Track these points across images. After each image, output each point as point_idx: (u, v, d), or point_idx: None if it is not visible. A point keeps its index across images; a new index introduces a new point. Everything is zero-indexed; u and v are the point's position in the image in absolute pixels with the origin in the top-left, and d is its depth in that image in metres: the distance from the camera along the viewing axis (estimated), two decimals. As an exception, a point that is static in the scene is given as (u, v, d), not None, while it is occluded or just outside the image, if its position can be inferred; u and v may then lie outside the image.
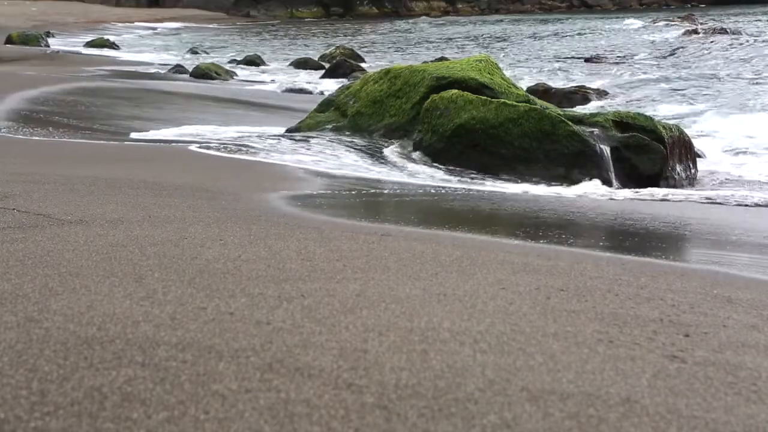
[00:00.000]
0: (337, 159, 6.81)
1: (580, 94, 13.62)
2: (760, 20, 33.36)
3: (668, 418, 1.77)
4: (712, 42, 22.35)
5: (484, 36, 33.22)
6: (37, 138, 6.88)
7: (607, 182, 6.27)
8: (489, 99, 6.78)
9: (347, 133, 7.71)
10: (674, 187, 6.53)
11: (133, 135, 7.80)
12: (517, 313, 2.42)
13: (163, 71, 16.79)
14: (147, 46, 29.03)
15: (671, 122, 7.49)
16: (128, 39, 33.29)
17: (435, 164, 6.72)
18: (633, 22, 34.13)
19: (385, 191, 5.42)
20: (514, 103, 6.72)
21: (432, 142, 6.77)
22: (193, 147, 6.64)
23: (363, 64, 19.52)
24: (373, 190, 5.31)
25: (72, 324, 2.10)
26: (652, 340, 2.26)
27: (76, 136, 7.22)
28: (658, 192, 6.09)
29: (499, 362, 2.01)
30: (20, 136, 6.87)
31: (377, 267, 2.89)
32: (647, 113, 7.85)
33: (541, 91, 13.45)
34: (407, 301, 2.48)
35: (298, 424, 1.64)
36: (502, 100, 6.82)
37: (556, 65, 19.71)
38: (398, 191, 5.48)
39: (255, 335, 2.09)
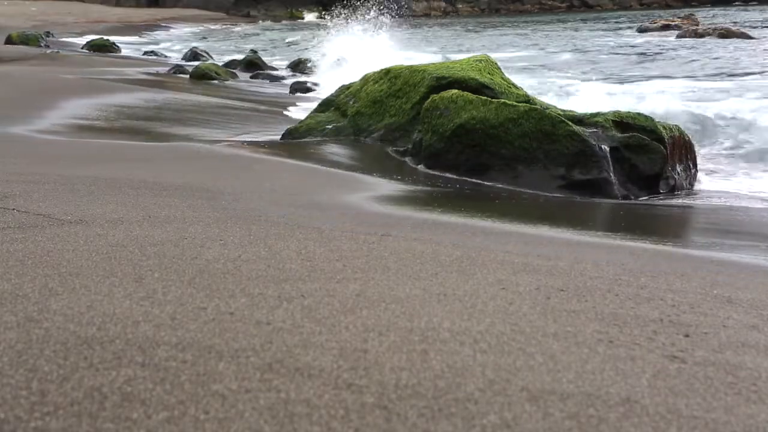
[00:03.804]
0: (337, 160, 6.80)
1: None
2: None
3: (668, 418, 1.77)
4: (716, 44, 22.24)
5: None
6: (37, 137, 6.87)
7: (607, 183, 6.27)
8: (489, 99, 6.78)
9: (347, 133, 7.72)
10: (675, 188, 6.54)
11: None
12: (517, 313, 2.42)
13: (163, 71, 16.77)
14: (146, 47, 29.02)
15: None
16: (128, 39, 33.26)
17: (433, 163, 6.72)
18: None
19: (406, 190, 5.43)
20: (514, 103, 6.71)
21: (432, 142, 6.76)
22: (193, 146, 6.64)
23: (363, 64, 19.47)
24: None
25: (72, 324, 2.10)
26: (652, 340, 2.26)
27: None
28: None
29: (499, 362, 2.01)
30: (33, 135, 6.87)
31: (377, 267, 2.89)
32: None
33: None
34: (407, 301, 2.48)
35: (298, 424, 1.64)
36: (503, 100, 6.82)
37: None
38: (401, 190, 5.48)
39: (255, 335, 2.09)
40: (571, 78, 15.38)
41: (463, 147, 6.61)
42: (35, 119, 8.04)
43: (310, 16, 59.16)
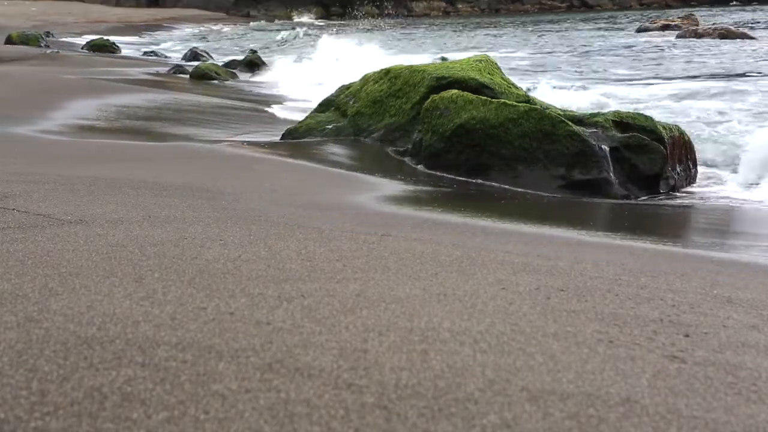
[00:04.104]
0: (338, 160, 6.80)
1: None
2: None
3: (668, 418, 1.77)
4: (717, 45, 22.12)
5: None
6: (36, 137, 6.87)
7: (607, 183, 6.27)
8: (489, 99, 6.77)
9: (347, 133, 7.72)
10: (675, 187, 6.53)
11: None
12: (517, 313, 2.42)
13: (163, 71, 16.77)
14: (146, 47, 29.02)
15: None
16: (128, 39, 33.26)
17: (433, 163, 6.72)
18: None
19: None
20: (514, 103, 6.71)
21: (432, 142, 6.77)
22: (193, 146, 6.64)
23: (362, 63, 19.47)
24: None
25: (72, 324, 2.10)
26: (652, 340, 2.26)
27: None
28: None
29: (499, 362, 2.01)
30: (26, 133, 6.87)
31: (377, 267, 2.89)
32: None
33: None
34: (407, 301, 2.48)
35: (298, 424, 1.64)
36: (502, 100, 6.81)
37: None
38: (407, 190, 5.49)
39: (255, 335, 2.09)
40: (555, 79, 15.30)
41: (463, 147, 6.61)
42: (35, 119, 8.04)
43: (303, 17, 59.08)
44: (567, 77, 16.16)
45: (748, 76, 15.10)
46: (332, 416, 1.68)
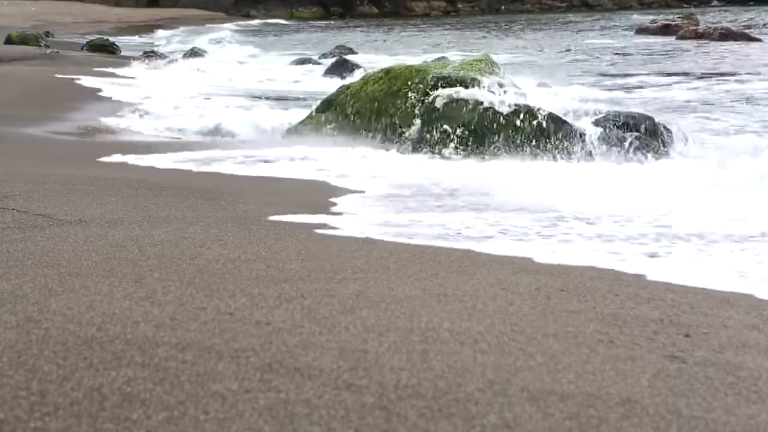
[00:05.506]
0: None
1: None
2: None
3: (668, 418, 1.77)
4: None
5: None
6: (36, 137, 6.87)
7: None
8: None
9: (347, 133, 7.72)
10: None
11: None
12: (517, 313, 2.42)
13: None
14: (146, 47, 28.97)
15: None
16: (127, 39, 33.23)
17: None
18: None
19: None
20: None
21: (432, 141, 6.77)
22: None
23: (362, 63, 19.48)
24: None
25: (72, 324, 2.10)
26: (652, 340, 2.26)
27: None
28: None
29: (499, 362, 2.01)
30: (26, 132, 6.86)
31: (377, 267, 2.89)
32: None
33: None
34: (407, 301, 2.48)
35: (298, 424, 1.64)
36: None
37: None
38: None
39: (255, 335, 2.09)
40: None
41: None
42: (35, 119, 8.03)
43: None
44: (561, 77, 16.04)
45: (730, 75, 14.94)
46: (332, 416, 1.68)
